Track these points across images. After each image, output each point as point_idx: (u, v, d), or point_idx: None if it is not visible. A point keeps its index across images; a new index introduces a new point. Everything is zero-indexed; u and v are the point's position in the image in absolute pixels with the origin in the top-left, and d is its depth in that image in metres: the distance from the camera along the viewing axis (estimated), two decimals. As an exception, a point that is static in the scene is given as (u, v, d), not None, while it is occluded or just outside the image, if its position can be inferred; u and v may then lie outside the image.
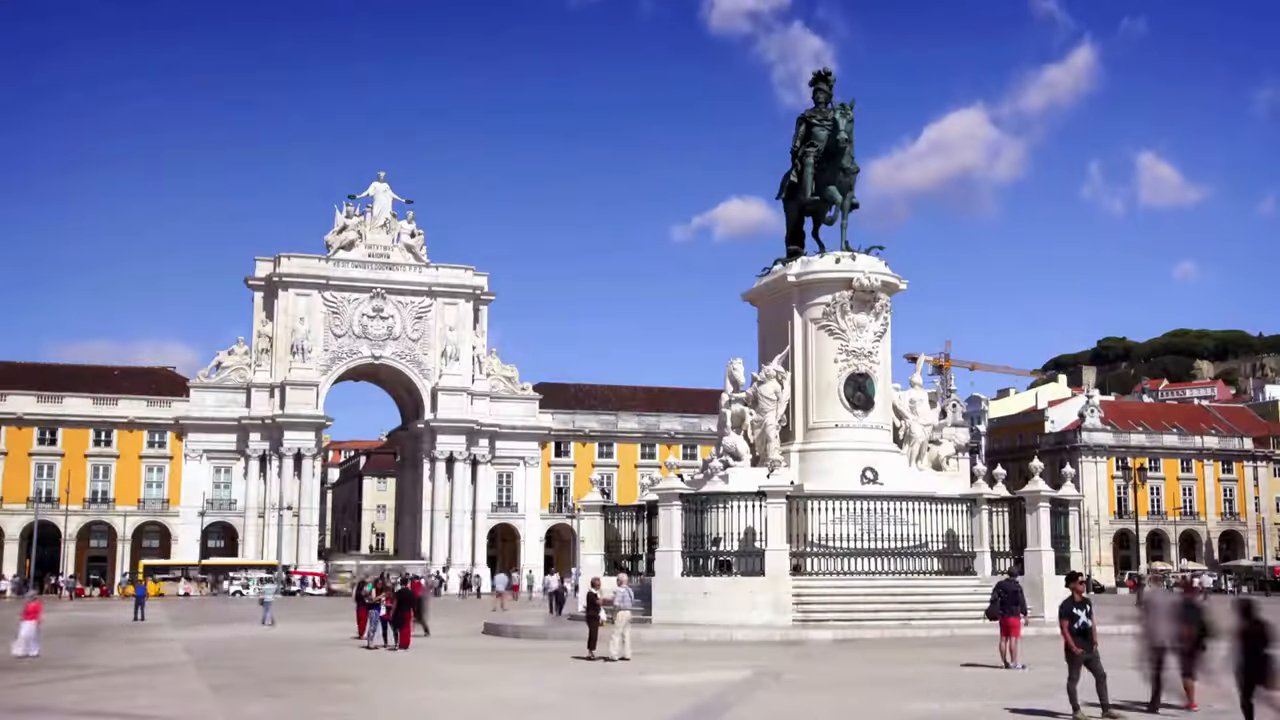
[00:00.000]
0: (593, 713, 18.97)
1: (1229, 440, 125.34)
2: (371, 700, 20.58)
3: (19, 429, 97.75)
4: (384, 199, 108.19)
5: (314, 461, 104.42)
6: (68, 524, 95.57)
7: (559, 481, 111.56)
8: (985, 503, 38.52)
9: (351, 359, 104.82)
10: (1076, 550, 40.93)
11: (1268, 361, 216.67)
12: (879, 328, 40.92)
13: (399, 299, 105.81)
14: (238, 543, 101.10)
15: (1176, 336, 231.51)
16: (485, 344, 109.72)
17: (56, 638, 39.33)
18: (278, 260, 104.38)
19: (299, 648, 33.69)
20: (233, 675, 25.14)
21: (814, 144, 42.52)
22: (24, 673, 25.80)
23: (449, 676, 24.83)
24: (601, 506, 43.36)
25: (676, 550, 36.10)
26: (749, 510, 36.02)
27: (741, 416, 40.39)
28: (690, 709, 18.95)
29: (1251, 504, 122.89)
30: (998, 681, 22.57)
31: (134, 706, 20.22)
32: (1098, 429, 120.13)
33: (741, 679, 23.12)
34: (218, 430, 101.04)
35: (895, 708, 19.00)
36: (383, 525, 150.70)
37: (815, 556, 36.76)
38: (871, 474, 38.86)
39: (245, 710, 19.43)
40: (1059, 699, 18.16)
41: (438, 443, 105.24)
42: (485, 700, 20.57)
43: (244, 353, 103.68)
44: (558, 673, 25.18)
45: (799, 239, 44.15)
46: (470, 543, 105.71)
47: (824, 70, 43.83)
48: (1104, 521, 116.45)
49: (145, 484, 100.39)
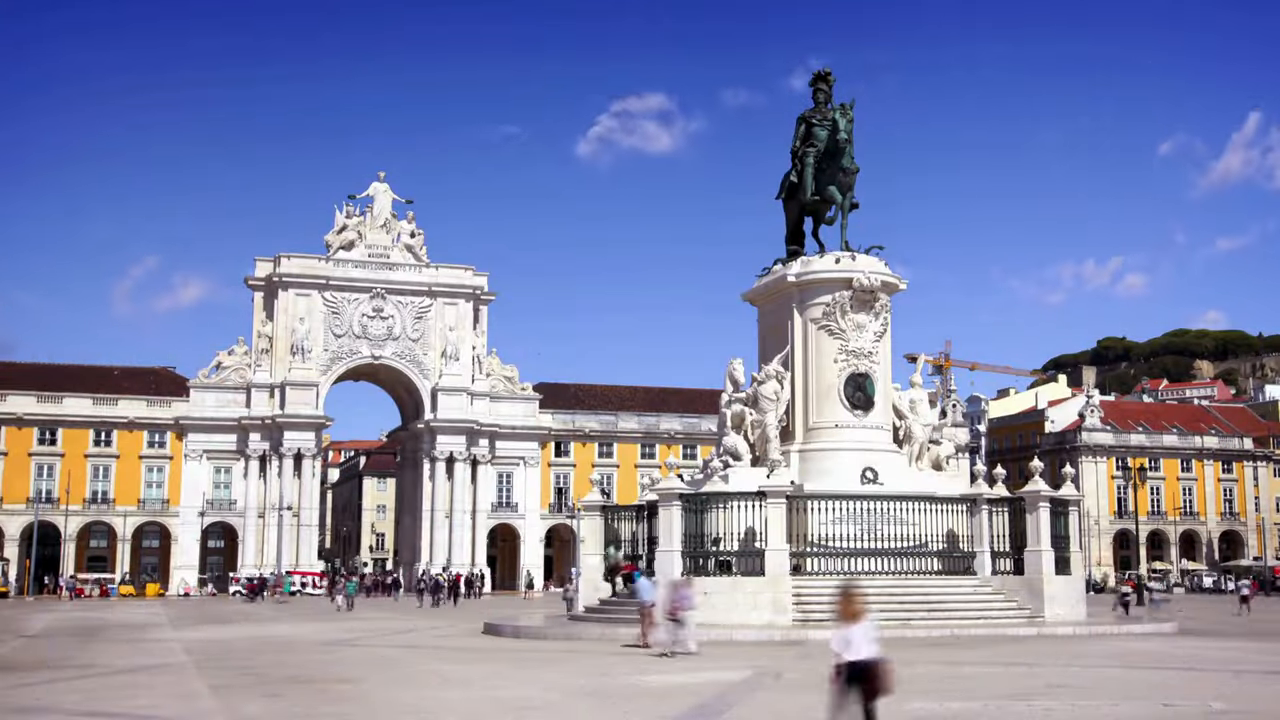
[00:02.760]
0: (593, 713, 18.95)
1: (1229, 440, 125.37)
2: (371, 700, 20.56)
3: (19, 429, 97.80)
4: (384, 199, 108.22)
5: (314, 462, 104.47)
6: (67, 524, 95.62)
7: (559, 481, 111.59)
8: (985, 503, 38.50)
9: (351, 359, 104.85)
10: (1076, 550, 40.88)
11: (1268, 361, 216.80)
12: (879, 328, 40.91)
13: (399, 299, 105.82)
14: (238, 543, 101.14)
15: (1176, 336, 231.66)
16: (485, 344, 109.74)
17: (57, 638, 39.39)
18: (278, 260, 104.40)
19: (299, 648, 33.68)
20: (233, 675, 25.13)
21: (814, 144, 42.49)
22: (25, 673, 25.81)
23: (449, 676, 24.82)
24: (601, 506, 43.30)
25: (676, 550, 36.07)
26: (749, 510, 36.00)
27: (741, 416, 40.36)
28: (690, 709, 18.93)
29: (1251, 504, 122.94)
30: (997, 681, 22.56)
31: (134, 706, 20.22)
32: (1098, 429, 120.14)
33: (741, 679, 23.11)
34: (218, 430, 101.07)
35: (895, 708, 18.96)
36: (383, 525, 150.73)
37: (815, 556, 36.75)
38: (871, 474, 38.84)
39: (245, 710, 19.41)
40: (1064, 696, 18.08)
41: (438, 443, 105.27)
42: (485, 700, 20.56)
43: (244, 353, 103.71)
44: (558, 673, 25.17)
45: (799, 239, 44.12)
46: (470, 543, 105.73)
47: (824, 70, 43.74)
48: (1104, 521, 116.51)
49: (145, 484, 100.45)
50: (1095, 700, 19.41)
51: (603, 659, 27.59)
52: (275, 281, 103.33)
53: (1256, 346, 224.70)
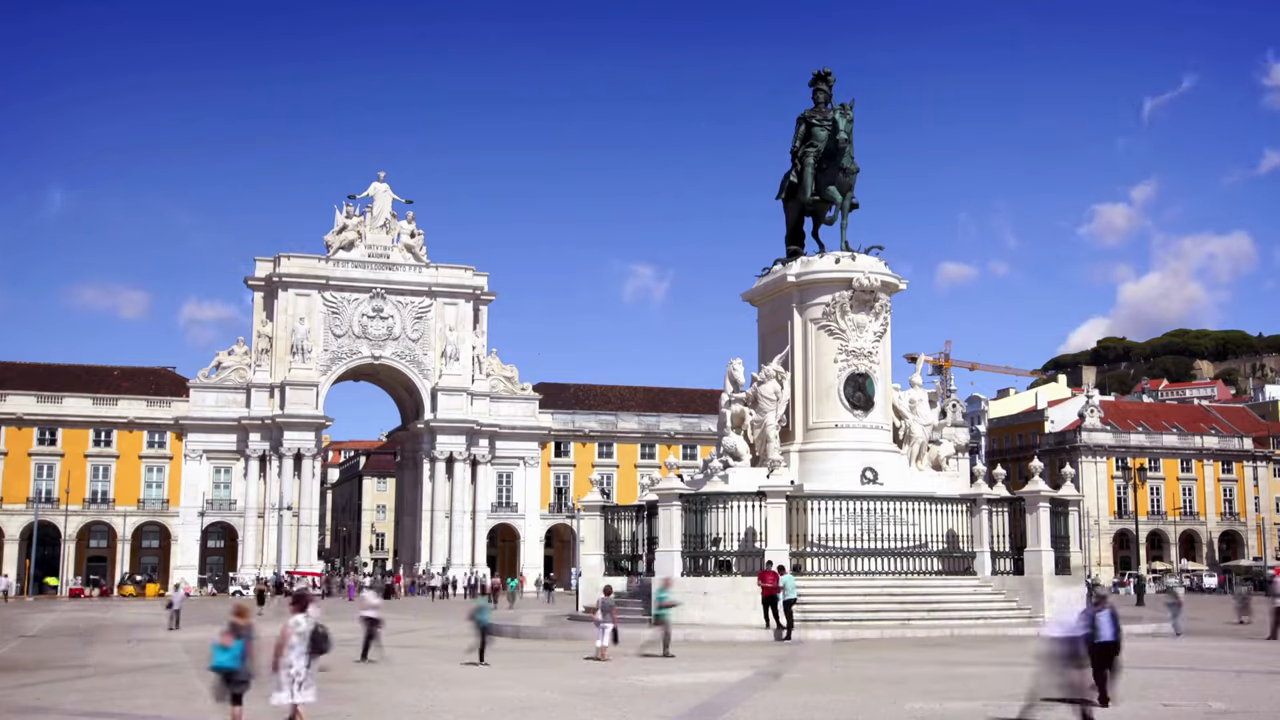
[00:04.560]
0: (593, 713, 18.96)
1: (1229, 440, 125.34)
2: (371, 700, 20.58)
3: (19, 429, 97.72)
4: (384, 199, 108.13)
5: (314, 462, 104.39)
6: (67, 524, 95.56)
7: (559, 481, 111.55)
8: (985, 503, 38.53)
9: (351, 359, 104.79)
10: (1076, 550, 40.93)
11: (1268, 361, 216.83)
12: (879, 328, 40.92)
13: (399, 299, 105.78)
14: (237, 543, 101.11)
15: (1176, 336, 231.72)
16: (485, 344, 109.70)
17: (58, 638, 39.41)
18: (278, 260, 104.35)
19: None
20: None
21: (814, 144, 42.52)
22: (25, 673, 25.82)
23: (449, 676, 24.83)
24: (601, 506, 43.34)
25: (676, 550, 36.09)
26: (749, 510, 36.02)
27: (741, 416, 40.38)
28: (690, 709, 18.95)
29: (1251, 504, 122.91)
30: (996, 681, 22.56)
31: (134, 707, 20.24)
32: (1098, 429, 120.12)
33: (741, 679, 23.13)
34: (217, 430, 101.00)
35: (895, 708, 19.00)
36: (383, 525, 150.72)
37: (815, 556, 36.78)
38: (871, 474, 38.86)
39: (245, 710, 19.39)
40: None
41: (437, 443, 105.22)
42: (485, 700, 20.57)
43: (244, 353, 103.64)
44: (558, 672, 25.18)
45: (799, 239, 44.15)
46: (470, 543, 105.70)
47: (824, 70, 43.74)
48: (1104, 521, 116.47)
49: (145, 484, 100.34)
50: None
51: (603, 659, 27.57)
52: (275, 281, 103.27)
53: (1256, 346, 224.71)
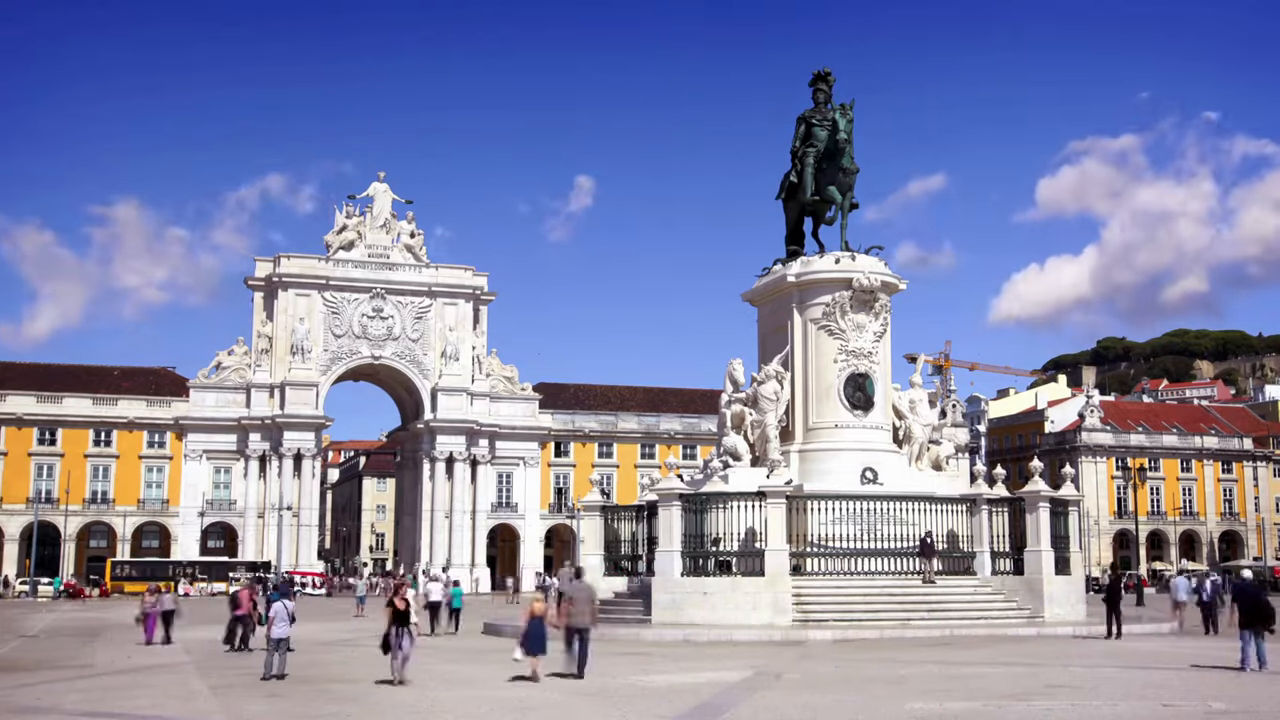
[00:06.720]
0: (593, 712, 18.95)
1: (1229, 440, 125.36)
2: (371, 700, 20.57)
3: (19, 429, 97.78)
4: (384, 199, 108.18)
5: (314, 462, 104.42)
6: (67, 524, 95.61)
7: (559, 481, 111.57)
8: (985, 503, 38.53)
9: (351, 359, 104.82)
10: (1076, 550, 40.89)
11: (1267, 361, 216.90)
12: (879, 328, 40.90)
13: (399, 299, 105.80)
14: (237, 543, 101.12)
15: (1176, 336, 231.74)
16: (485, 344, 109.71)
17: (58, 638, 39.42)
18: (277, 260, 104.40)
19: (299, 648, 33.61)
20: (233, 675, 25.15)
21: (814, 144, 42.49)
22: (26, 673, 25.83)
23: (449, 676, 24.82)
24: (601, 506, 43.30)
25: (676, 550, 36.07)
26: (749, 510, 36.00)
27: (741, 416, 40.36)
28: (690, 709, 18.94)
29: (1251, 504, 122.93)
30: (997, 681, 22.57)
31: (135, 707, 20.24)
32: (1097, 429, 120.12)
33: (741, 679, 23.12)
34: (217, 430, 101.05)
35: (895, 708, 19.00)
36: (382, 525, 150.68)
37: (815, 557, 36.77)
38: (871, 474, 38.85)
39: (245, 710, 19.43)
40: (1063, 696, 18.14)
41: (437, 443, 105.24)
42: (485, 700, 20.57)
43: (244, 353, 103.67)
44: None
45: (799, 239, 44.12)
46: (470, 543, 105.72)
47: (824, 70, 43.71)
48: (1104, 521, 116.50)
49: (145, 484, 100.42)
50: (1095, 700, 19.44)
51: (603, 659, 27.56)
52: (275, 282, 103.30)
53: (1256, 346, 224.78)
